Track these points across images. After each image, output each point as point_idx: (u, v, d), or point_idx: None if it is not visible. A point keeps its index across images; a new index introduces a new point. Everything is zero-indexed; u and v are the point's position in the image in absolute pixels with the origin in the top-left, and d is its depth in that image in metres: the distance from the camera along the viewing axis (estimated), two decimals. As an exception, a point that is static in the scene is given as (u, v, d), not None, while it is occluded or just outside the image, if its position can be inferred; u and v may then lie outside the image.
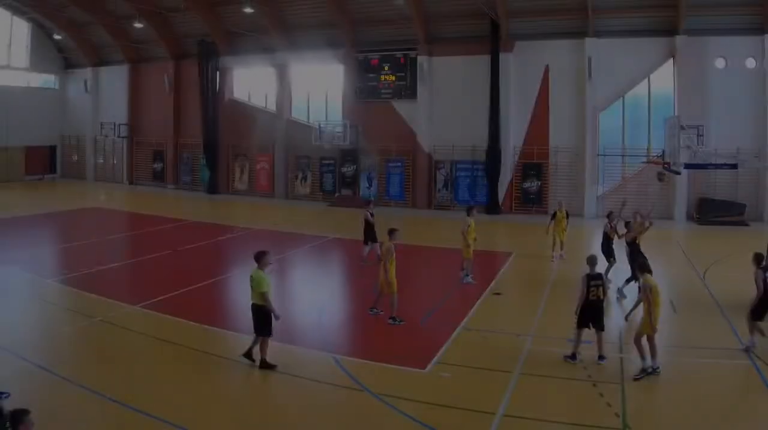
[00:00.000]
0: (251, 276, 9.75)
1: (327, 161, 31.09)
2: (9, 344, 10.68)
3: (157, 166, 37.38)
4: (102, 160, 40.72)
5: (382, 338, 11.46)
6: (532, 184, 26.39)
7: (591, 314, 9.77)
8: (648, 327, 9.32)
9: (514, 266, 17.52)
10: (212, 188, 34.33)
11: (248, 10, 28.19)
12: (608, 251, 14.73)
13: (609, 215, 15.34)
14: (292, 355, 10.41)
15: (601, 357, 9.79)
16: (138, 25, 32.96)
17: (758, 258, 10.44)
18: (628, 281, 13.60)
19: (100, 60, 40.37)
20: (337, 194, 30.68)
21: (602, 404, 8.51)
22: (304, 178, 31.94)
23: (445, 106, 27.92)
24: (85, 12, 35.12)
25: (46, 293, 14.43)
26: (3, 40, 38.86)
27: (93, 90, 40.31)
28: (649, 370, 9.29)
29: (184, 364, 10.15)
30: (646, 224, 13.94)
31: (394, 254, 11.89)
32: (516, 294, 14.84)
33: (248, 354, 9.74)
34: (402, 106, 29.03)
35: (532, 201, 26.37)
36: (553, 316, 12.50)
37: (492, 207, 26.63)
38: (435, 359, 10.10)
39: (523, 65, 26.19)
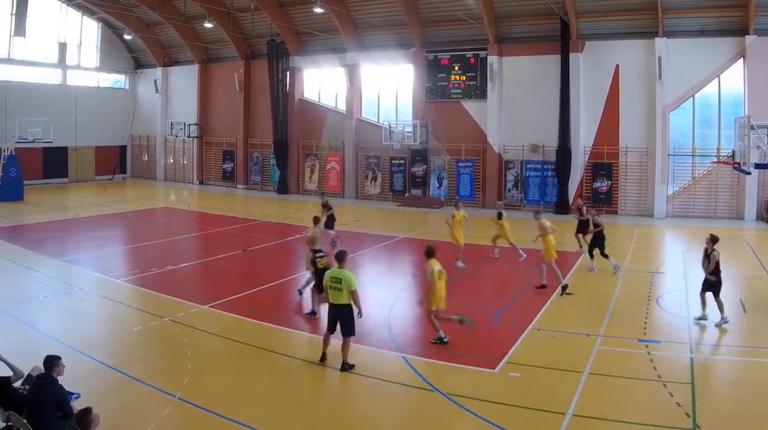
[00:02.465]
0: (336, 277, 11.10)
1: (397, 161, 36.20)
2: (79, 344, 12.27)
3: (227, 166, 43.77)
4: (172, 161, 47.53)
5: (452, 338, 12.86)
6: (602, 184, 30.40)
7: None
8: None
9: (584, 265, 19.85)
10: (282, 188, 40.12)
11: (318, 10, 33.35)
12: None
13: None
14: (362, 355, 11.95)
15: None
16: (208, 25, 39.15)
17: (714, 239, 13.63)
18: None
19: (169, 60, 47.42)
20: (406, 194, 35.38)
21: (672, 404, 9.65)
22: (374, 178, 36.98)
23: (515, 106, 32.64)
24: (155, 12, 41.57)
25: (116, 293, 16.52)
26: (73, 40, 46.04)
27: (163, 90, 47.40)
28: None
29: (254, 364, 11.75)
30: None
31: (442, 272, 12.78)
32: (586, 294, 16.59)
33: (324, 357, 11.39)
34: (472, 106, 33.86)
35: (602, 201, 30.33)
36: (622, 316, 14.35)
37: (562, 207, 30.97)
38: (505, 359, 11.66)
39: (593, 65, 30.46)
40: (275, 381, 10.94)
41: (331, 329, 11.42)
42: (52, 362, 8.25)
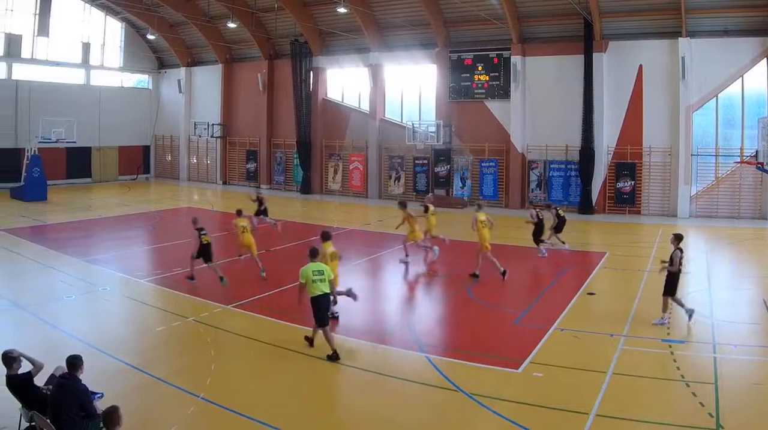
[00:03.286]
0: (318, 269, 12.38)
1: (420, 161, 37.94)
2: (103, 344, 12.86)
3: (251, 166, 45.91)
4: (195, 161, 49.73)
5: (476, 338, 13.68)
6: (625, 184, 31.69)
7: None
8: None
9: (607, 266, 20.90)
10: (306, 188, 42.06)
11: (342, 9, 35.02)
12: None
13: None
14: (385, 355, 12.73)
15: None
16: (231, 25, 41.12)
17: (678, 238, 14.46)
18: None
19: (193, 60, 49.72)
20: (430, 194, 36.54)
21: (695, 404, 10.05)
22: (398, 178, 38.58)
23: (538, 106, 34.17)
24: (179, 12, 43.59)
25: (139, 292, 17.27)
26: (97, 40, 48.42)
27: (186, 90, 49.71)
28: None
29: (277, 364, 12.32)
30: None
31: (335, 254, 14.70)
32: (609, 294, 17.43)
33: (335, 355, 12.16)
34: (495, 106, 35.45)
35: (625, 201, 31.67)
36: (646, 316, 14.87)
37: (585, 207, 32.35)
38: (528, 359, 12.14)
39: (617, 65, 31.88)
40: (298, 381, 11.51)
41: (326, 321, 12.41)
42: (75, 361, 8.60)
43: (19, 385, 8.72)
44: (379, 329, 14.42)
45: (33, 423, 8.50)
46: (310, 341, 12.89)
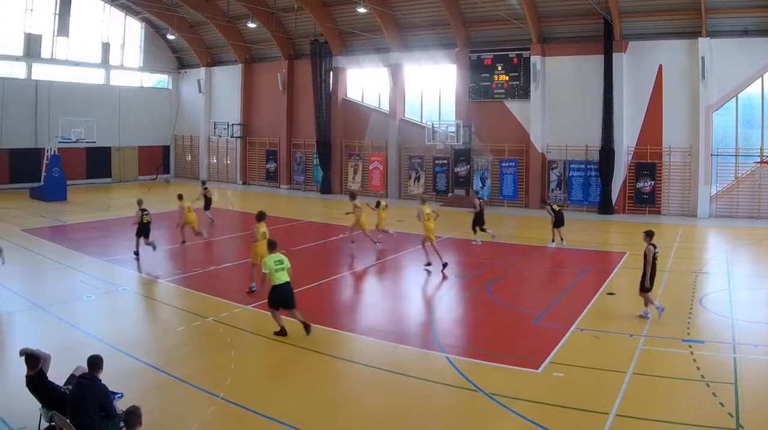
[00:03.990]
0: (279, 260, 13.87)
1: (440, 161, 39.27)
2: (123, 344, 13.29)
3: (270, 166, 47.62)
4: (215, 161, 51.42)
5: (495, 338, 14.16)
6: (645, 185, 32.67)
7: None
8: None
9: (627, 266, 21.39)
10: (325, 188, 43.62)
11: (361, 10, 36.51)
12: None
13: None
14: (405, 355, 13.11)
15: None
16: (251, 25, 42.75)
17: (649, 234, 15.34)
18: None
19: (213, 60, 51.54)
20: (450, 194, 37.94)
21: (715, 404, 10.32)
22: (417, 178, 39.73)
23: (558, 106, 35.39)
24: (198, 12, 45.09)
25: (159, 293, 17.98)
26: (117, 40, 50.27)
27: (206, 90, 51.57)
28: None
29: (297, 364, 12.78)
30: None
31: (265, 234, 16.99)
32: (629, 294, 17.43)
33: (306, 327, 13.80)
34: (515, 106, 36.69)
35: (645, 201, 32.71)
36: (665, 316, 15.23)
37: (605, 207, 33.46)
38: (548, 359, 12.51)
39: (637, 65, 33.00)
40: (318, 381, 11.83)
41: (279, 307, 13.88)
42: (95, 361, 8.85)
43: (37, 384, 8.97)
44: (398, 329, 14.98)
45: (53, 423, 8.75)
46: (282, 333, 13.94)
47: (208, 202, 30.71)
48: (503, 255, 23.35)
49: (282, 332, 13.86)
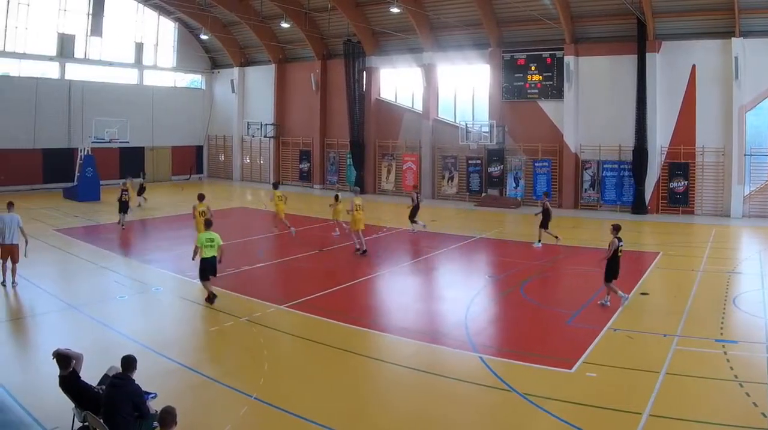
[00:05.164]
0: (210, 238, 16.92)
1: (473, 161, 41.42)
2: (156, 344, 13.77)
3: (304, 166, 50.23)
4: (248, 161, 54.26)
5: (529, 338, 14.74)
6: (678, 184, 34.24)
7: None
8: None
9: (660, 266, 22.47)
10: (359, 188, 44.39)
11: (395, 10, 38.72)
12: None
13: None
14: (438, 355, 13.66)
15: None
16: (285, 25, 45.17)
17: (616, 228, 17.04)
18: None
19: (246, 60, 54.39)
20: (483, 194, 39.93)
21: (748, 404, 10.68)
22: (451, 178, 41.78)
23: (591, 106, 37.27)
24: (232, 12, 47.63)
25: (193, 293, 18.33)
26: (150, 40, 53.10)
27: (239, 90, 54.40)
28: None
29: (330, 364, 13.24)
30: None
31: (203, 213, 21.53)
32: (662, 294, 18.54)
33: (210, 298, 16.94)
34: (548, 106, 38.66)
35: (678, 201, 34.41)
36: (699, 316, 15.95)
37: (638, 207, 35.24)
38: (581, 359, 12.95)
39: (670, 65, 34.74)
40: (352, 381, 12.32)
41: (207, 277, 17.08)
42: (129, 362, 9.14)
43: (70, 383, 9.30)
44: (432, 329, 15.51)
45: (86, 423, 9.00)
46: (210, 299, 17.07)
47: (141, 188, 37.20)
48: (536, 255, 24.40)
49: (210, 299, 16.98)
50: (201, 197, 22.83)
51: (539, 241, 26.05)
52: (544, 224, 26.00)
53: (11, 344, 14.52)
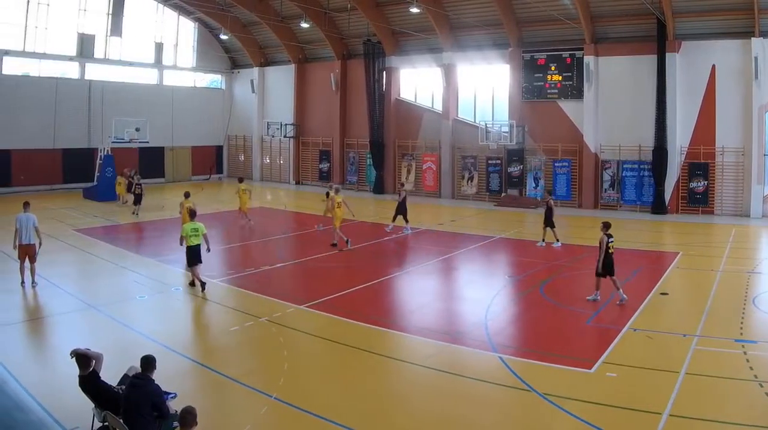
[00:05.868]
0: (195, 227, 18.59)
1: (493, 161, 42.62)
2: (176, 344, 14.13)
3: (324, 166, 51.65)
4: (268, 161, 55.83)
5: (549, 338, 14.99)
6: (698, 185, 35.21)
7: None
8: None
9: (680, 266, 23.00)
10: (378, 188, 47.52)
11: (414, 10, 39.93)
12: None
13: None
14: (458, 355, 13.96)
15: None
16: (304, 25, 46.47)
17: (606, 225, 17.89)
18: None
19: (266, 60, 56.00)
20: (503, 194, 41.03)
21: None
22: (471, 178, 42.92)
23: (611, 106, 38.36)
24: (251, 12, 48.96)
25: (212, 293, 18.78)
26: (170, 40, 54.67)
27: (259, 90, 55.98)
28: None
29: (350, 364, 13.56)
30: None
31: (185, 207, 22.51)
32: (682, 294, 18.97)
33: (193, 283, 19.00)
34: (568, 106, 39.75)
35: (698, 201, 35.41)
36: (719, 316, 16.28)
37: (658, 207, 36.25)
38: (601, 359, 13.26)
39: (690, 65, 35.76)
40: (371, 381, 12.60)
41: (194, 264, 18.83)
42: (148, 361, 9.32)
43: (90, 383, 9.54)
44: (451, 329, 15.80)
45: (106, 423, 9.18)
46: (193, 284, 19.10)
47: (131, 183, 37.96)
48: (556, 255, 25.00)
49: (193, 283, 19.12)
50: (187, 195, 24.90)
51: (544, 240, 26.89)
52: (548, 223, 26.71)
53: (31, 344, 15.00)
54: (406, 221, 29.75)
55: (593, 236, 27.26)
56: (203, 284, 18.70)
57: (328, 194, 29.56)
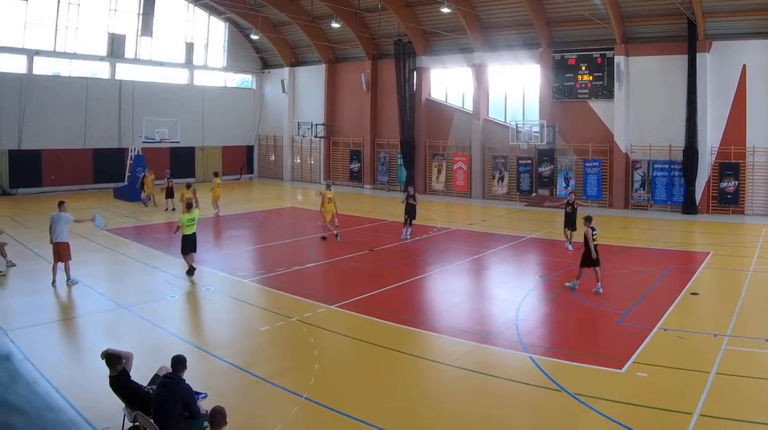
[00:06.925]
0: (191, 218, 20.97)
1: (524, 161, 44.24)
2: (206, 344, 14.59)
3: (354, 166, 53.56)
4: (299, 161, 57.92)
5: (579, 338, 15.42)
6: (729, 185, 36.44)
7: None
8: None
9: (711, 266, 23.52)
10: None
11: (445, 9, 41.44)
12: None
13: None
14: (489, 355, 14.29)
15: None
16: (335, 25, 48.17)
17: (588, 219, 19.57)
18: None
19: (296, 60, 58.18)
20: (534, 194, 42.50)
21: None
22: (501, 178, 44.57)
23: (641, 106, 39.79)
24: (282, 12, 51.01)
25: (243, 293, 19.40)
26: (200, 40, 56.78)
27: (290, 90, 58.13)
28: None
29: (381, 364, 13.85)
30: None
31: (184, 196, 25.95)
32: (713, 294, 19.36)
33: (191, 271, 20.95)
34: (599, 106, 41.23)
35: (729, 201, 36.72)
36: (749, 316, 16.61)
37: (689, 207, 37.58)
38: (632, 359, 13.56)
39: (720, 65, 37.10)
40: (402, 381, 12.89)
41: (187, 252, 21.05)
42: (179, 361, 9.60)
43: (120, 383, 9.85)
44: (482, 329, 16.19)
45: (136, 423, 9.46)
46: (190, 271, 21.08)
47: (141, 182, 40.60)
48: None
49: (190, 271, 20.96)
50: (188, 186, 28.89)
51: (570, 242, 26.92)
52: (569, 224, 26.69)
53: (63, 344, 15.38)
54: (409, 225, 29.42)
55: (624, 236, 30.51)
56: (192, 269, 21.05)
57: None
